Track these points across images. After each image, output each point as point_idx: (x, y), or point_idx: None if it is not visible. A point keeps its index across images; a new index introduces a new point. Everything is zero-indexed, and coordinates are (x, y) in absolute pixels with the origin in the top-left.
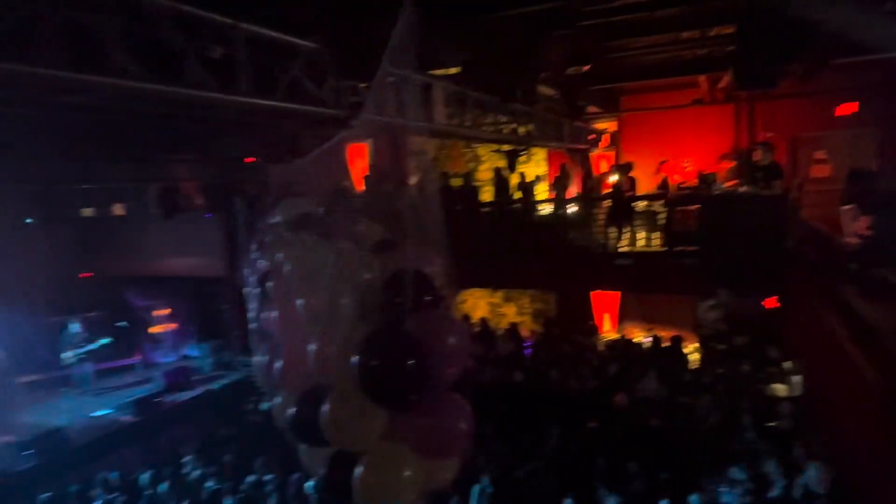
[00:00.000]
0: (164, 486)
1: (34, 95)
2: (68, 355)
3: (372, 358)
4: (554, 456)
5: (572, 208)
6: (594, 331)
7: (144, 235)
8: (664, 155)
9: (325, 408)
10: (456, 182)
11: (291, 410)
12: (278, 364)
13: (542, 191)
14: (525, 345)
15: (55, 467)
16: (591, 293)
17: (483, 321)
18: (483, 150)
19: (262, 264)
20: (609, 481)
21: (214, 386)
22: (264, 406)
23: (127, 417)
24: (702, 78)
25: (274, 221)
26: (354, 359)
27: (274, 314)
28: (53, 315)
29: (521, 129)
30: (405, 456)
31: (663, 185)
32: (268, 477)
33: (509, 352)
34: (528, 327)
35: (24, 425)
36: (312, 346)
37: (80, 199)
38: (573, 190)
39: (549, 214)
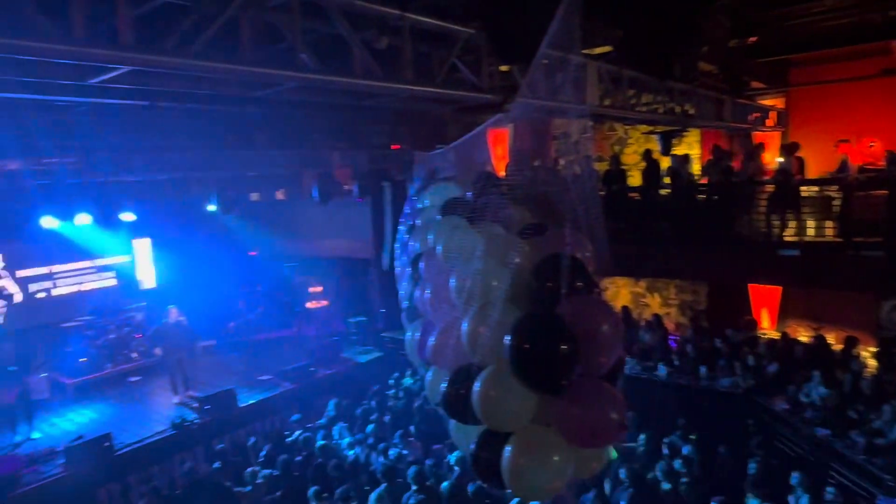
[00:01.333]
0: (318, 444)
1: (228, 92)
2: (239, 323)
3: (524, 341)
4: (699, 457)
5: (729, 193)
6: (752, 326)
7: (302, 218)
8: (840, 133)
9: (477, 386)
10: (601, 166)
11: (443, 387)
12: (430, 341)
13: (694, 174)
14: (669, 337)
15: (227, 422)
16: (749, 286)
17: (625, 311)
18: (629, 132)
19: (414, 246)
20: (763, 491)
21: (360, 360)
22: (406, 381)
23: (285, 383)
24: (894, 44)
25: (423, 205)
26: (507, 341)
27: (426, 294)
28: (228, 288)
29: (678, 109)
30: (555, 441)
31: (843, 167)
32: (405, 452)
33: (652, 344)
34: (673, 319)
35: (204, 384)
36: (465, 326)
37: (250, 185)
38: (731, 173)
39: (703, 200)
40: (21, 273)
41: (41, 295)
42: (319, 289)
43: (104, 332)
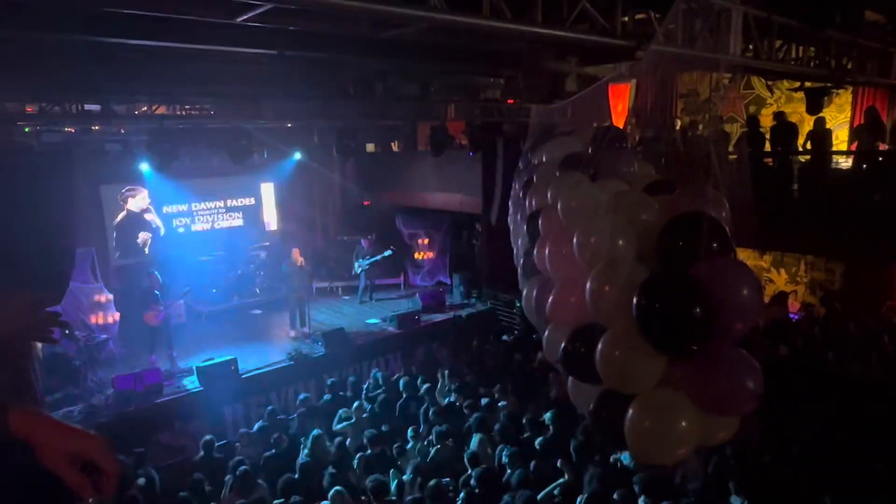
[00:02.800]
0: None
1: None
2: (354, 268)
3: (656, 301)
4: (815, 448)
5: (882, 162)
6: (894, 314)
7: (414, 171)
8: None
9: (601, 346)
10: (732, 128)
11: (563, 344)
12: (550, 299)
13: (841, 140)
14: (792, 317)
15: (337, 359)
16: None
17: None
18: (767, 92)
19: (531, 202)
20: (885, 491)
21: (462, 312)
22: (505, 337)
23: (391, 328)
24: None
25: (540, 160)
26: (635, 301)
27: (546, 251)
28: (341, 235)
29: (833, 63)
30: (683, 405)
31: None
32: (502, 403)
33: (775, 322)
34: (799, 298)
35: (318, 322)
36: (588, 285)
37: (367, 136)
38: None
39: (850, 169)
40: (166, 209)
41: (181, 230)
42: (427, 241)
43: (233, 268)
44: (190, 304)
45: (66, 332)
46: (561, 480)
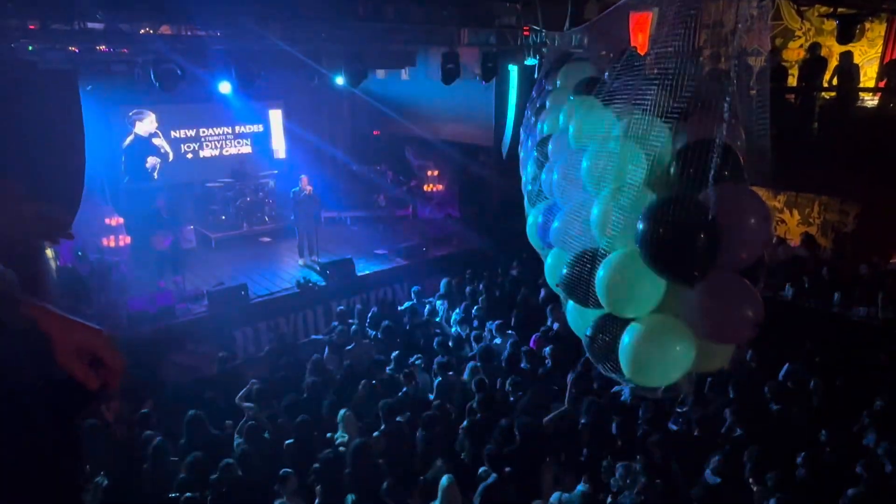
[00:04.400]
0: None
1: None
2: (389, 197)
3: (661, 225)
4: (817, 385)
5: None
6: None
7: (424, 100)
8: None
9: (603, 270)
10: (757, 61)
11: (565, 269)
12: (555, 224)
13: (868, 77)
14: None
15: (345, 288)
16: None
17: None
18: (796, 23)
19: (542, 128)
20: (885, 429)
21: (472, 246)
22: (513, 271)
23: (398, 259)
24: None
25: (554, 86)
26: (640, 225)
27: (553, 175)
28: (351, 165)
29: None
30: (679, 331)
31: None
32: (510, 332)
33: (781, 262)
34: (811, 241)
35: (324, 252)
36: (595, 209)
37: (377, 62)
38: None
39: (875, 108)
40: (174, 133)
41: (189, 155)
42: (436, 172)
43: (241, 195)
44: (200, 230)
45: (79, 253)
46: (561, 409)
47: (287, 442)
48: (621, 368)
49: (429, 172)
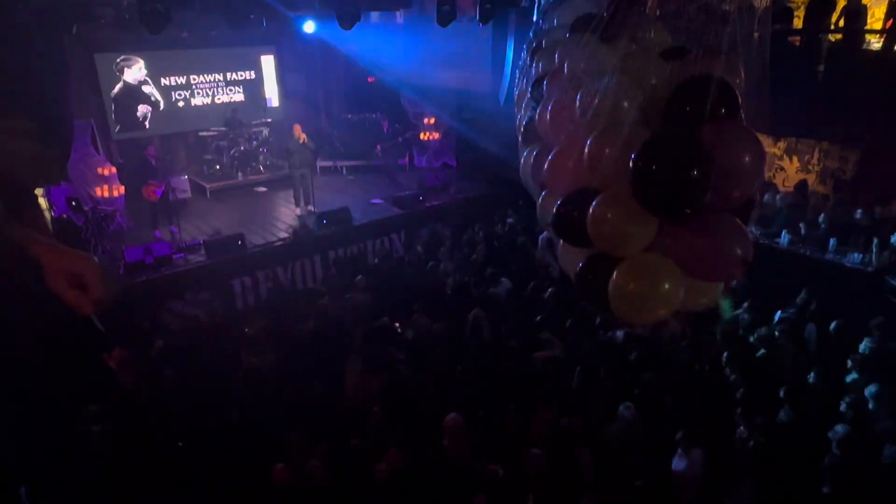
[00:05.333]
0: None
1: None
2: (385, 147)
3: (652, 161)
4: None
5: None
6: None
7: (419, 44)
8: None
9: (594, 208)
10: (760, 2)
11: (557, 209)
12: (547, 162)
13: (877, 18)
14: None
15: (342, 236)
16: None
17: None
18: None
19: (537, 67)
20: (870, 370)
21: (469, 194)
22: (509, 220)
23: (394, 209)
24: None
25: (551, 25)
26: (633, 160)
27: (547, 113)
28: (345, 113)
29: None
30: (667, 268)
31: None
32: (504, 280)
33: (777, 210)
34: (810, 188)
35: (321, 202)
36: (587, 147)
37: (367, 3)
38: None
39: (882, 50)
40: (164, 81)
41: (181, 104)
42: (433, 120)
43: (235, 144)
44: (194, 179)
45: (74, 203)
46: (554, 352)
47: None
48: (611, 307)
49: (425, 120)
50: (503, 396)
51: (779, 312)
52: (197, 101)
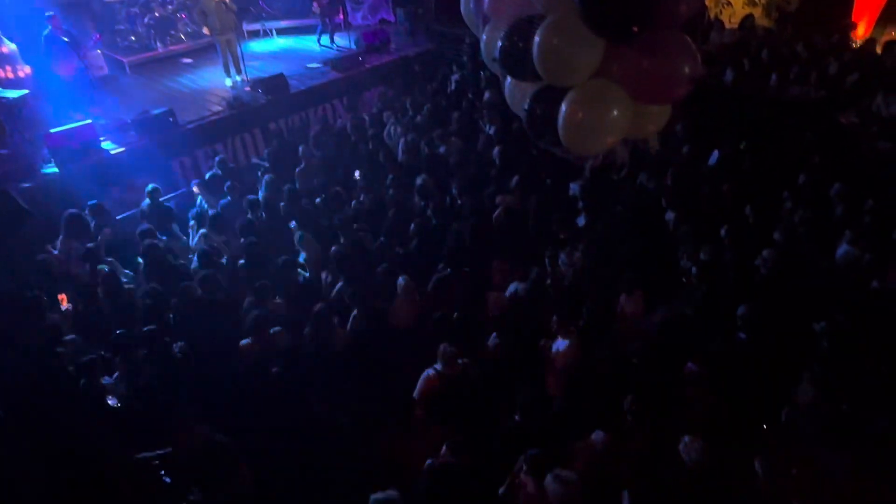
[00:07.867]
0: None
1: None
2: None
3: None
4: (746, 163)
5: None
6: (846, 31)
7: None
8: None
9: (540, 36)
10: None
11: (501, 41)
12: None
13: None
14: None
15: (279, 106)
16: None
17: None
18: None
19: None
20: (801, 198)
21: (410, 52)
22: (454, 77)
23: (333, 73)
24: None
25: None
26: None
27: None
28: None
29: None
30: (615, 94)
31: None
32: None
33: (722, 46)
34: (756, 23)
35: (254, 69)
36: None
37: None
38: None
39: None
40: None
41: None
42: None
43: (148, 9)
44: (110, 54)
45: None
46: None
47: (240, 263)
48: (560, 140)
49: None
50: (459, 258)
51: (715, 152)
52: None
